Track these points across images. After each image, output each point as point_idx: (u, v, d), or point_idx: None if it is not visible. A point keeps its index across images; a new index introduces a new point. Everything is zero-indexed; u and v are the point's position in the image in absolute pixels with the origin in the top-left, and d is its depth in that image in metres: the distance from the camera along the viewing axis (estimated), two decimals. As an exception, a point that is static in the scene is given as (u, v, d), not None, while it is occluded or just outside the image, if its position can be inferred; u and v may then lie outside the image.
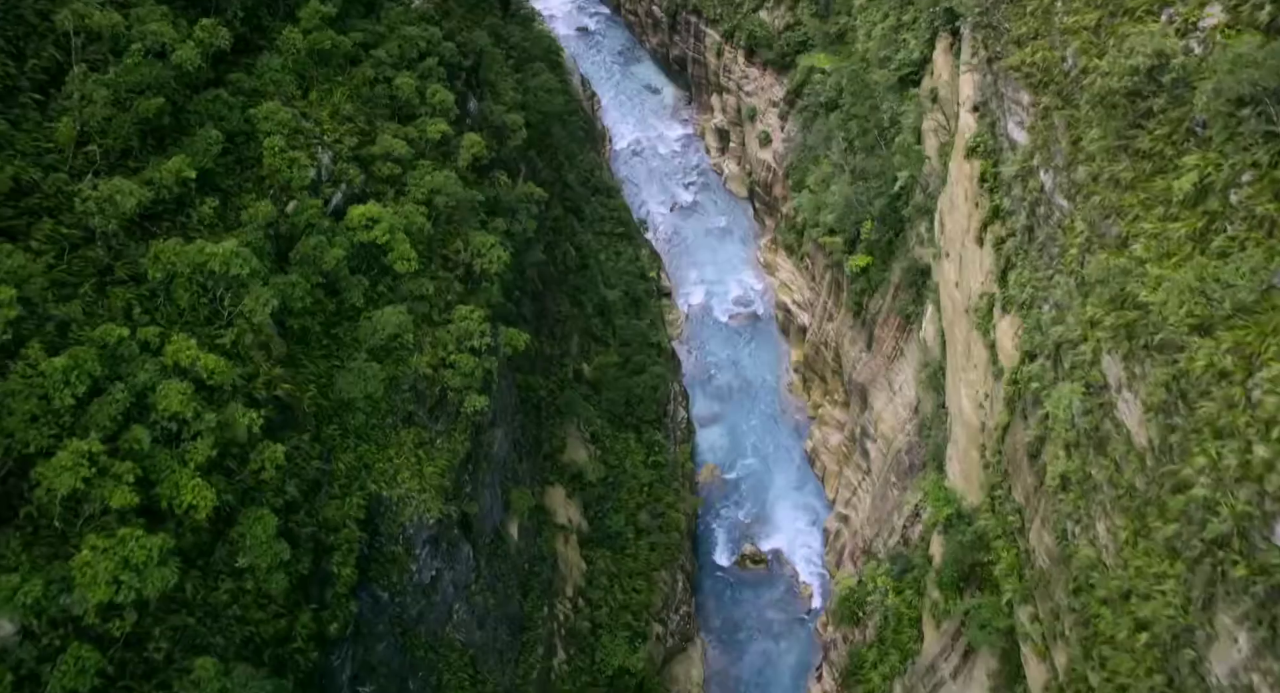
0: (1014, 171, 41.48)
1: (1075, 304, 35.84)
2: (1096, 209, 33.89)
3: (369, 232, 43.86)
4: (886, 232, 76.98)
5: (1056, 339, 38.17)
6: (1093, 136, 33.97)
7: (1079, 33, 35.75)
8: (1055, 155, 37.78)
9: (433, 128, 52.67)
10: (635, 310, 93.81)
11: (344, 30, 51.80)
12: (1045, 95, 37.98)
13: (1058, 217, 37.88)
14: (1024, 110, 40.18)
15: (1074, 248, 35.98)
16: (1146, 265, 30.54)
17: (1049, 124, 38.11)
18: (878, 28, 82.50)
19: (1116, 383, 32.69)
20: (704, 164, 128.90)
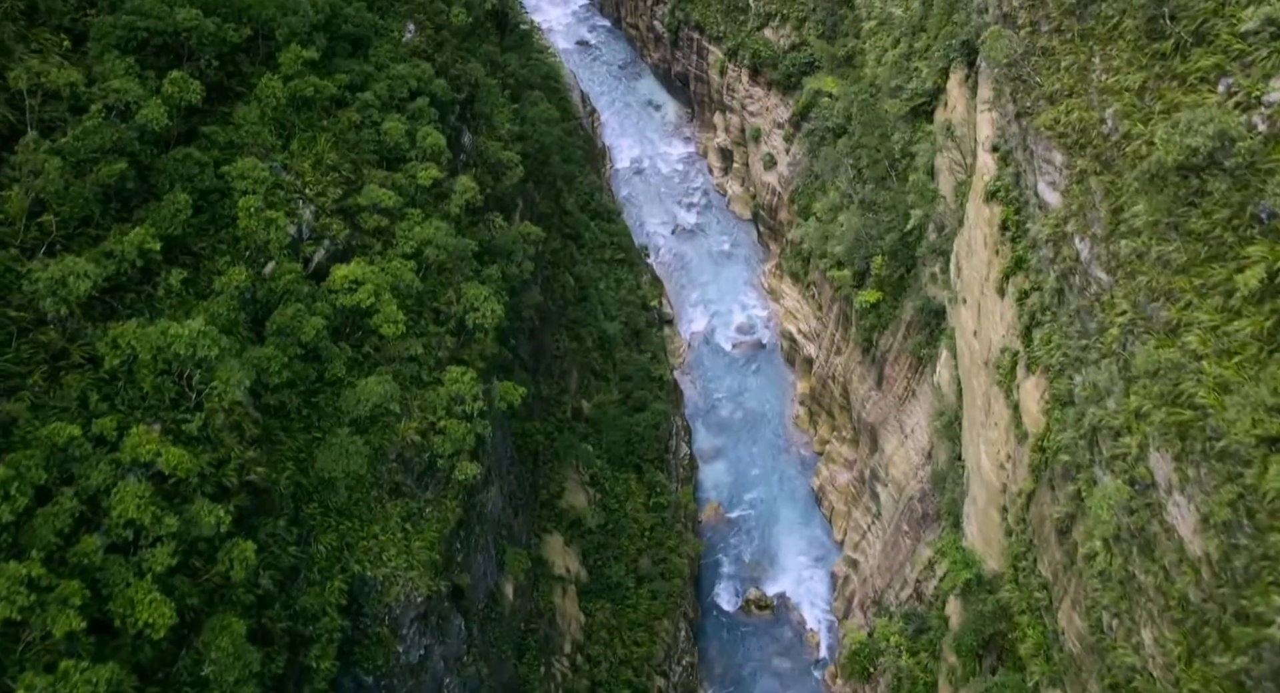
0: (1045, 235, 38.54)
1: (1117, 390, 32.89)
2: (1143, 290, 30.95)
3: (352, 295, 40.94)
4: (898, 268, 74.10)
5: (1094, 422, 35.27)
6: (1138, 211, 31.03)
7: (1120, 94, 32.82)
8: (1092, 223, 34.85)
9: (423, 173, 49.76)
10: (636, 342, 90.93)
11: (329, 72, 48.92)
12: (1081, 158, 35.05)
13: (1095, 289, 34.94)
14: (1056, 171, 37.26)
15: (1115, 327, 33.03)
16: (1203, 362, 27.62)
17: (1085, 188, 35.18)
18: (888, 54, 79.66)
19: (1166, 483, 29.78)
20: (707, 184, 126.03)
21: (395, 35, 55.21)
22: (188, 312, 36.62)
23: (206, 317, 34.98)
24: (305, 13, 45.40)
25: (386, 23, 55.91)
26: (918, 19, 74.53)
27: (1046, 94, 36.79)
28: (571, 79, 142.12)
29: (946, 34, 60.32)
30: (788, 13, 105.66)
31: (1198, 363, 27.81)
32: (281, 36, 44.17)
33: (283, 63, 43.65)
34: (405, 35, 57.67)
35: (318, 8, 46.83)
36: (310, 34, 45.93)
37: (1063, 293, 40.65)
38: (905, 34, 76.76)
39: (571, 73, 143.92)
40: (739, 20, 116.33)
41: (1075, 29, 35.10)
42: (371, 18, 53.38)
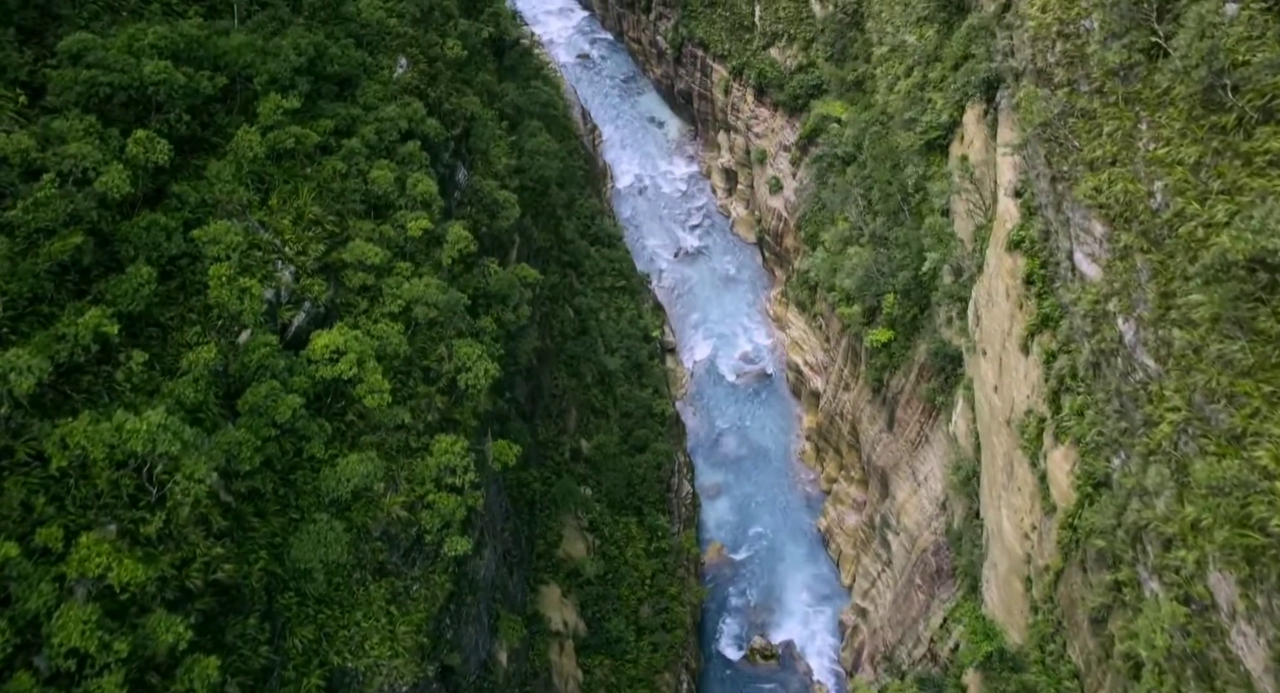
0: (1083, 310, 35.52)
1: (1168, 493, 29.89)
2: (1200, 389, 27.96)
3: (333, 366, 37.92)
4: (911, 307, 71.09)
5: (1139, 520, 32.31)
6: (1195, 300, 28.04)
7: (1171, 168, 29.85)
8: (1138, 304, 31.87)
9: (414, 224, 46.79)
10: (638, 376, 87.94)
11: (313, 116, 45.97)
12: (1125, 232, 32.07)
13: (1140, 376, 31.94)
14: (1096, 242, 34.29)
15: (1166, 423, 30.04)
16: (1277, 484, 24.65)
17: (1129, 266, 32.20)
18: (901, 83, 76.65)
19: (1229, 608, 26.83)
20: (710, 206, 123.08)
21: (385, 73, 52.25)
22: (153, 391, 33.67)
23: (170, 404, 32.00)
24: (287, 57, 42.42)
25: (376, 59, 52.98)
26: (933, 48, 71.56)
27: (1086, 159, 33.80)
28: (572, 95, 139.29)
29: (966, 71, 57.29)
30: (794, 33, 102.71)
31: (1270, 483, 24.85)
32: (260, 85, 41.19)
33: (261, 113, 40.64)
34: (396, 71, 54.71)
35: (300, 50, 43.87)
36: (292, 79, 42.92)
37: (1099, 368, 37.69)
38: (919, 63, 73.79)
39: (572, 88, 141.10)
40: (744, 39, 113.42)
41: (1119, 92, 32.13)
42: (359, 56, 50.43)
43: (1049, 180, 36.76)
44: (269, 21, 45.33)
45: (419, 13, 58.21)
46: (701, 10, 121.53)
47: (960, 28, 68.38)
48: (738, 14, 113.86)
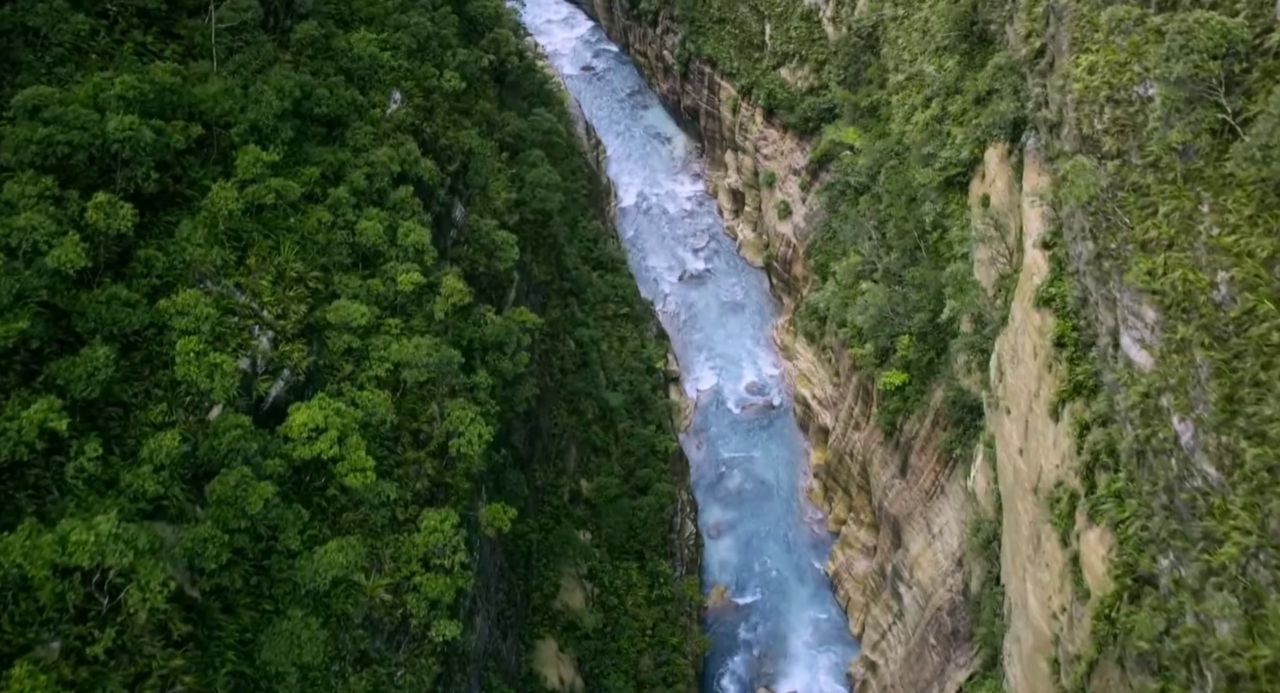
0: (1131, 401, 32.44)
1: (1235, 623, 26.83)
2: (1277, 515, 24.87)
3: (312, 445, 34.89)
4: (927, 351, 68.01)
5: (1196, 644, 29.27)
6: (1271, 415, 24.95)
7: (1240, 259, 26.80)
8: (1197, 404, 28.80)
9: (404, 278, 43.76)
10: (640, 411, 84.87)
11: (298, 162, 42.96)
12: (1183, 324, 29.00)
13: (1199, 484, 28.88)
14: (1147, 329, 31.22)
15: (1232, 545, 26.97)
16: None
17: (1187, 360, 29.13)
18: (919, 114, 73.52)
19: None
20: (716, 227, 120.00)
21: (377, 111, 49.21)
22: (111, 482, 30.65)
23: (127, 502, 28.96)
24: (269, 103, 39.37)
25: (368, 96, 49.95)
26: (953, 79, 68.46)
27: (1138, 239, 30.72)
28: (576, 109, 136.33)
29: (992, 111, 54.17)
30: (806, 54, 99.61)
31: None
32: (238, 135, 38.14)
33: (239, 167, 37.56)
34: (390, 107, 51.70)
35: (284, 93, 40.83)
36: (274, 127, 39.88)
37: (1145, 457, 34.60)
38: (938, 94, 70.69)
39: (576, 102, 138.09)
40: (753, 57, 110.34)
41: (1178, 169, 29.06)
42: (349, 94, 47.41)
43: (1094, 256, 33.71)
44: (253, 60, 42.25)
45: (415, 44, 55.20)
46: (710, 26, 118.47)
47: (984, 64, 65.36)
48: (747, 32, 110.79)
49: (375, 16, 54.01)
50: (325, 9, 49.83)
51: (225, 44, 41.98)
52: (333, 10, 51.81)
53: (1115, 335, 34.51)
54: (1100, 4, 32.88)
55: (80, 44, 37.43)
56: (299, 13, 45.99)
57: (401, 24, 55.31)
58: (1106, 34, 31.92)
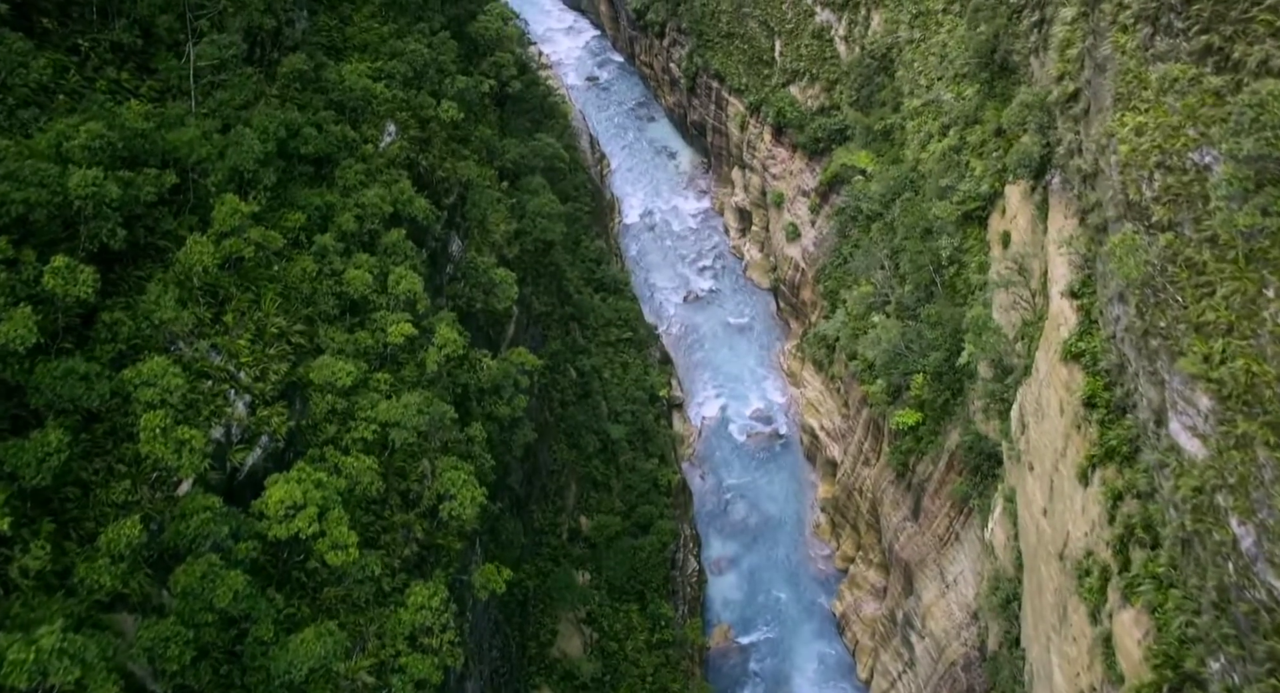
0: (1182, 494, 29.74)
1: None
2: (1355, 652, 22.20)
3: (290, 523, 32.27)
4: (942, 391, 65.31)
5: (1253, 772, 26.65)
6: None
7: (1314, 353, 24.11)
8: (1259, 508, 26.14)
9: (395, 329, 41.17)
10: (643, 442, 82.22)
11: (283, 204, 40.36)
12: (1244, 419, 26.33)
13: (1263, 597, 26.20)
14: (1200, 417, 28.54)
15: (1300, 673, 24.29)
16: None
17: (1248, 458, 26.47)
18: (935, 143, 70.88)
19: None
20: (722, 246, 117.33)
21: (369, 147, 46.59)
22: (64, 574, 28.05)
23: (78, 603, 26.34)
24: (249, 147, 36.74)
25: (360, 130, 47.36)
26: (972, 109, 65.77)
27: (1192, 320, 28.04)
28: (580, 122, 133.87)
29: (1016, 150, 51.44)
30: (817, 73, 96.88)
31: None
32: (215, 183, 35.52)
33: (216, 218, 34.94)
34: (383, 141, 49.09)
35: (267, 135, 38.21)
36: (255, 172, 37.25)
37: (1191, 547, 31.95)
38: (956, 122, 68.00)
39: (580, 114, 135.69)
40: (763, 74, 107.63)
41: (1240, 247, 26.39)
42: (339, 130, 44.81)
43: (1140, 333, 31.03)
44: (236, 96, 39.60)
45: (411, 72, 52.59)
46: (718, 41, 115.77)
47: (1005, 94, 62.72)
48: (756, 48, 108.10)
49: (369, 44, 51.42)
50: (316, 39, 47.24)
51: (208, 80, 39.35)
52: (324, 39, 49.25)
53: (1161, 416, 31.80)
54: (1148, 58, 30.26)
55: (47, 84, 34.81)
56: (286, 45, 43.39)
57: (397, 51, 52.72)
58: (1157, 93, 29.29)
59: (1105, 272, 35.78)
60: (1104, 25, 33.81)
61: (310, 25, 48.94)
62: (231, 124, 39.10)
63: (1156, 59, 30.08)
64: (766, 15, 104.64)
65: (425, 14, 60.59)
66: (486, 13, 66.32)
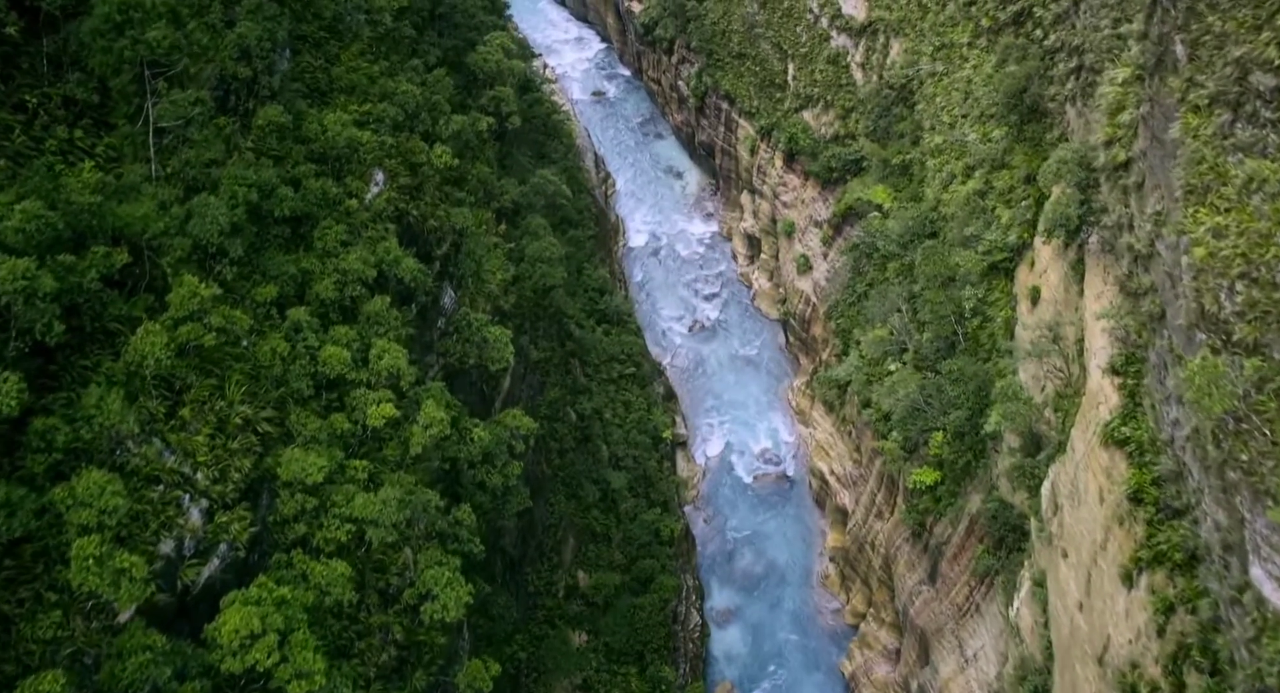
0: (1268, 654, 25.96)
1: None
2: None
3: (246, 654, 28.57)
4: (964, 452, 61.53)
5: None
6: None
7: None
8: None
9: (375, 411, 37.51)
10: (644, 489, 78.48)
11: (253, 272, 36.71)
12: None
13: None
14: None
15: None
16: None
17: (1351, 629, 22.68)
18: (959, 185, 67.07)
19: None
20: (730, 272, 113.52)
21: (354, 202, 42.89)
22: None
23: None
24: (214, 217, 33.05)
25: (344, 184, 43.65)
26: (1000, 153, 61.98)
27: (1273, 450, 24.27)
28: (585, 139, 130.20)
29: (1054, 212, 47.60)
30: (832, 99, 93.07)
31: None
32: (171, 263, 31.83)
33: (173, 302, 31.25)
34: (370, 192, 45.42)
35: (237, 200, 34.52)
36: (221, 245, 33.57)
37: (1263, 692, 28.20)
38: (981, 165, 64.19)
39: (585, 131, 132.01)
40: (774, 97, 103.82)
41: (1347, 382, 22.57)
42: (320, 185, 41.16)
43: (1216, 463, 27.24)
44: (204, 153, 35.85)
45: (403, 115, 48.90)
46: (729, 61, 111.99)
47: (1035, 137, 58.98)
48: (769, 70, 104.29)
49: (357, 86, 47.72)
50: (296, 86, 43.53)
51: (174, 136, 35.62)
52: (307, 82, 45.56)
53: (1237, 551, 28.00)
54: (1227, 148, 26.54)
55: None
56: (263, 94, 39.71)
57: (388, 93, 49.02)
58: (1240, 192, 25.59)
59: (1172, 390, 32.05)
60: (1170, 101, 30.05)
61: (293, 67, 45.27)
62: (198, 185, 35.44)
63: (1238, 149, 26.34)
64: (779, 38, 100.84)
65: (420, 48, 56.95)
66: (487, 43, 62.57)
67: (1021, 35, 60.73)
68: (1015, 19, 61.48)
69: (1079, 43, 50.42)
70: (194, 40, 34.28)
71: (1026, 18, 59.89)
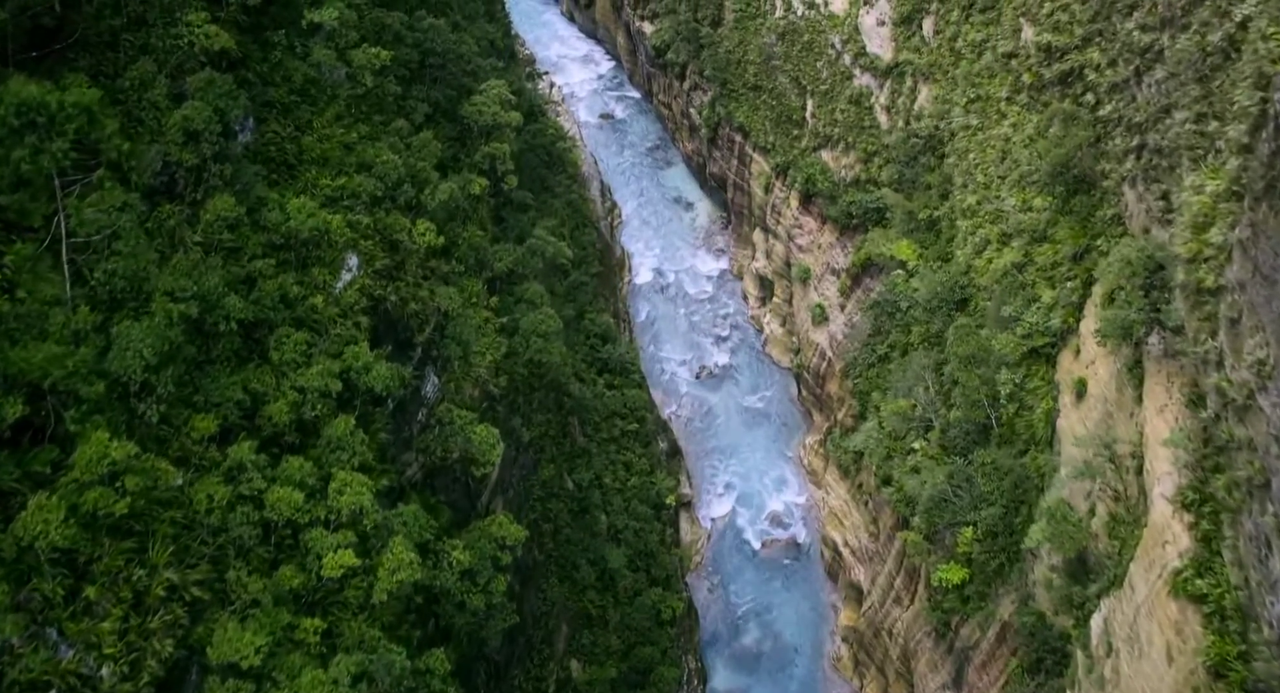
0: None
1: None
2: None
3: None
4: (997, 554, 56.02)
5: None
6: None
7: None
8: None
9: (333, 559, 32.14)
10: (645, 565, 73.05)
11: (188, 400, 31.36)
12: None
13: None
14: None
15: None
16: None
17: None
18: (994, 254, 61.58)
19: None
20: (740, 315, 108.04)
21: (318, 298, 37.55)
22: None
23: None
24: (137, 351, 27.70)
25: (308, 275, 38.28)
26: (1042, 224, 56.47)
27: None
28: (592, 166, 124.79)
29: (1114, 320, 42.02)
30: (853, 141, 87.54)
31: None
32: (76, 418, 26.47)
33: (78, 462, 25.92)
34: (340, 282, 40.07)
35: (171, 321, 29.19)
36: (145, 381, 28.24)
37: None
38: (1020, 235, 58.64)
39: (592, 158, 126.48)
40: (792, 134, 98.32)
41: None
42: (277, 284, 35.84)
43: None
44: (133, 263, 30.42)
45: (382, 189, 43.57)
46: (743, 92, 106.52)
47: (1082, 211, 53.44)
48: (786, 105, 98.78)
49: (329, 157, 42.37)
50: (257, 166, 38.17)
51: (99, 244, 30.25)
52: (274, 155, 40.24)
53: None
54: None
55: None
56: (211, 183, 34.37)
57: (365, 163, 43.68)
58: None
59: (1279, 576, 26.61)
60: None
61: (256, 139, 39.95)
62: (124, 301, 30.09)
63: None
64: (799, 72, 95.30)
65: (407, 103, 51.61)
66: (484, 91, 57.19)
67: (1069, 97, 55.19)
68: (1062, 79, 55.89)
69: (1141, 121, 44.90)
70: (114, 145, 28.88)
71: (1076, 79, 54.32)
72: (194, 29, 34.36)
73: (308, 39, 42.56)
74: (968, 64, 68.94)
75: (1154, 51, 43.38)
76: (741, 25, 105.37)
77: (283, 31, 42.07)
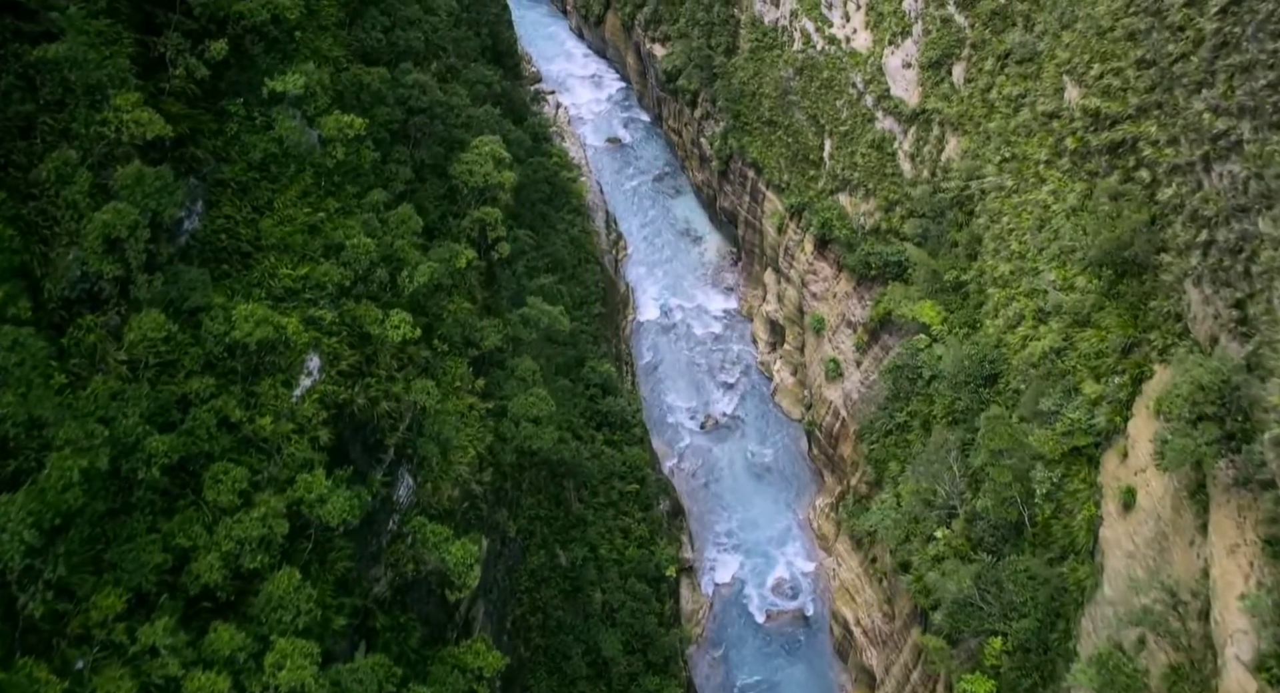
0: None
1: None
2: None
3: None
4: (1029, 672, 50.71)
5: None
6: None
7: None
8: None
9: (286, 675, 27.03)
10: (642, 647, 67.90)
11: (95, 564, 26.33)
12: None
13: None
14: None
15: None
16: None
17: None
18: (1030, 333, 56.32)
19: None
20: (748, 359, 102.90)
21: (265, 422, 32.47)
22: None
23: None
24: (15, 534, 22.63)
25: (257, 388, 33.24)
26: (1087, 307, 51.25)
27: None
28: (597, 195, 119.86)
29: (1182, 449, 36.76)
30: (874, 187, 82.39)
31: None
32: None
33: None
34: (296, 391, 35.00)
35: (47, 505, 24.09)
36: (30, 564, 23.19)
37: None
38: (1060, 316, 53.42)
39: (597, 186, 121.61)
40: (808, 174, 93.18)
41: None
42: (213, 408, 30.77)
43: None
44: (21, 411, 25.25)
45: (354, 276, 38.53)
46: (757, 126, 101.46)
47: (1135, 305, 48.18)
48: (802, 143, 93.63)
49: (290, 243, 37.32)
50: (206, 253, 33.25)
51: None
52: (224, 245, 35.22)
53: None
54: None
55: None
56: (140, 299, 29.35)
57: (333, 246, 38.65)
58: None
59: None
60: None
61: (205, 225, 34.94)
62: (18, 452, 25.05)
63: None
64: (817, 110, 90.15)
65: (388, 168, 46.58)
66: (475, 149, 52.13)
67: (1119, 169, 49.97)
68: (1112, 148, 50.67)
69: (1211, 216, 39.64)
70: (8, 258, 23.91)
71: (1128, 152, 49.07)
72: (122, 114, 29.31)
73: (269, 108, 37.51)
74: (1002, 119, 63.72)
75: (1229, 140, 38.13)
76: (757, 56, 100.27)
77: (241, 100, 37.08)
